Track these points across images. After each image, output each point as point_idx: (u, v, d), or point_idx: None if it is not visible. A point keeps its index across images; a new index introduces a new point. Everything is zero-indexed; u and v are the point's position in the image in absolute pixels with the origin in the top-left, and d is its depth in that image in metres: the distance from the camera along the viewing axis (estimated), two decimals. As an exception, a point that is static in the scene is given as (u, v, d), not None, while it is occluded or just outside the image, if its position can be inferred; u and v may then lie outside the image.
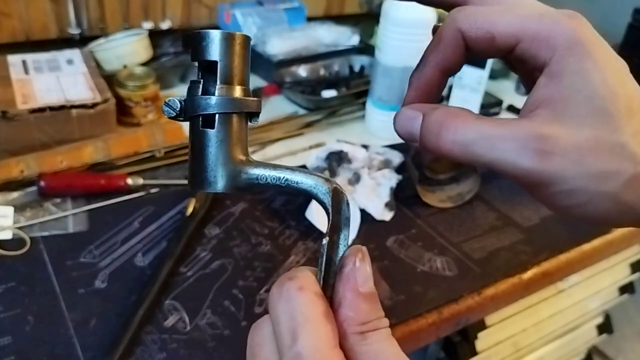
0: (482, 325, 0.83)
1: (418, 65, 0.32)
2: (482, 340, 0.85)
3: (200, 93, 0.26)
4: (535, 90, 0.27)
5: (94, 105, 0.81)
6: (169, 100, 0.26)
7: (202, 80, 0.26)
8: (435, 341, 0.80)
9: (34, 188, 0.72)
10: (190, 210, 0.71)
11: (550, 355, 1.06)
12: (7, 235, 0.66)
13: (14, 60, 0.89)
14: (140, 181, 0.76)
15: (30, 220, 0.69)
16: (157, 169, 0.82)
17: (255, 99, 0.27)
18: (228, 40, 0.26)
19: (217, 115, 0.26)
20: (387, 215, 0.78)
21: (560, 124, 0.26)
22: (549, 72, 0.27)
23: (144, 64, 0.98)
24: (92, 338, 0.55)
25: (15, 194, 0.72)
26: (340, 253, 0.25)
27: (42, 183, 0.71)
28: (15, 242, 0.65)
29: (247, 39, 0.26)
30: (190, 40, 0.26)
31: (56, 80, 0.85)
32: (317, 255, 0.25)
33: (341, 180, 0.78)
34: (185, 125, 1.00)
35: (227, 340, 0.57)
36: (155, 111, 0.93)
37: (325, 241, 0.25)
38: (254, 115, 0.27)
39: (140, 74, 0.93)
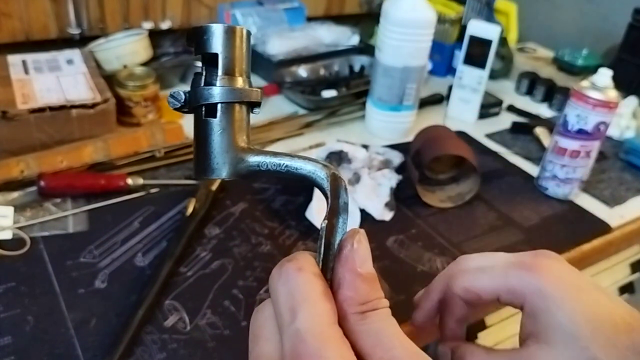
0: (482, 325, 0.83)
1: (427, 292, 0.42)
2: (482, 340, 0.84)
3: (202, 84, 0.27)
4: (522, 327, 0.36)
5: (94, 105, 0.81)
6: (174, 92, 0.27)
7: (204, 72, 0.27)
8: (435, 341, 0.80)
9: (34, 188, 0.72)
10: (190, 210, 0.71)
11: (550, 355, 1.06)
12: (7, 235, 0.66)
13: (14, 60, 0.89)
14: (140, 181, 0.76)
15: (30, 220, 0.69)
16: (157, 169, 0.82)
17: (256, 88, 0.28)
18: (228, 33, 0.27)
19: (219, 105, 0.27)
20: (387, 215, 0.78)
21: (542, 351, 0.34)
22: (526, 314, 0.35)
23: (144, 64, 0.98)
24: (92, 338, 0.55)
25: (15, 194, 0.72)
26: (339, 236, 0.26)
27: (42, 183, 0.71)
28: (15, 242, 0.65)
29: (247, 32, 0.28)
30: (192, 34, 0.27)
31: (56, 80, 0.85)
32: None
33: (341, 180, 0.78)
34: (186, 126, 1.00)
35: (227, 340, 0.57)
36: (155, 111, 0.93)
37: (324, 224, 0.26)
38: (255, 105, 0.28)
39: (140, 74, 0.93)
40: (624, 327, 0.34)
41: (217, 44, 0.27)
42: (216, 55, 0.27)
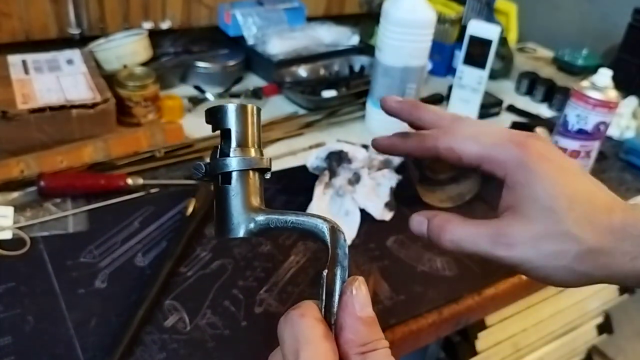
0: (482, 325, 0.83)
1: (405, 133, 0.42)
2: (482, 340, 0.85)
3: (218, 156, 0.31)
4: (502, 199, 0.37)
5: (94, 105, 0.81)
6: (196, 165, 0.32)
7: (221, 145, 0.32)
8: (435, 341, 0.80)
9: (34, 188, 0.72)
10: (190, 210, 0.71)
11: (550, 355, 1.06)
12: (7, 235, 0.66)
13: (14, 60, 0.89)
14: (140, 181, 0.76)
15: (30, 220, 0.69)
16: (157, 169, 0.82)
17: (266, 157, 0.32)
18: (239, 110, 0.31)
19: (233, 173, 0.31)
20: (387, 215, 0.78)
21: (519, 222, 0.35)
22: (507, 186, 0.37)
23: (144, 64, 0.98)
24: (92, 338, 0.55)
25: (15, 194, 0.72)
26: (339, 283, 0.28)
27: (42, 183, 0.71)
28: (15, 242, 0.65)
29: (257, 109, 0.32)
30: (210, 113, 0.32)
31: (56, 80, 0.85)
32: (319, 282, 0.29)
33: (341, 180, 0.78)
34: (186, 126, 1.00)
35: (227, 340, 0.57)
36: (155, 111, 0.93)
37: (324, 274, 0.28)
38: (266, 170, 0.33)
39: (140, 74, 0.93)
40: (603, 208, 0.35)
41: (230, 121, 0.31)
42: (229, 130, 0.31)
